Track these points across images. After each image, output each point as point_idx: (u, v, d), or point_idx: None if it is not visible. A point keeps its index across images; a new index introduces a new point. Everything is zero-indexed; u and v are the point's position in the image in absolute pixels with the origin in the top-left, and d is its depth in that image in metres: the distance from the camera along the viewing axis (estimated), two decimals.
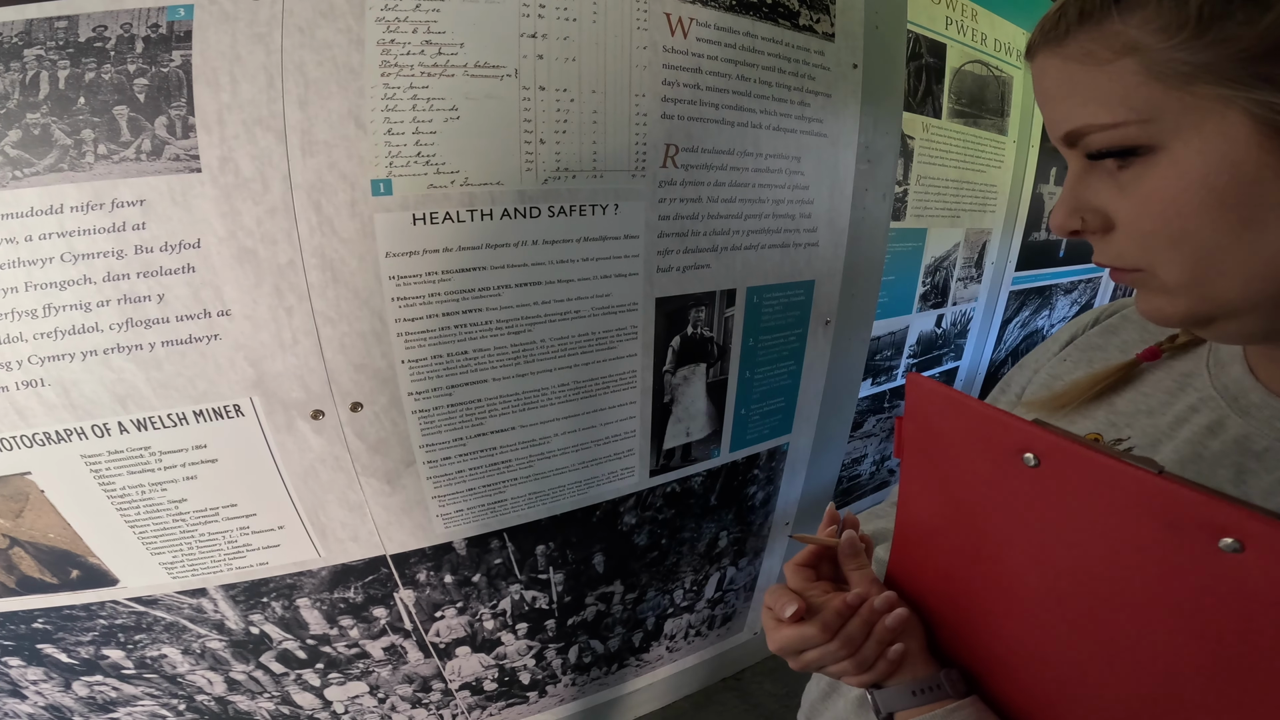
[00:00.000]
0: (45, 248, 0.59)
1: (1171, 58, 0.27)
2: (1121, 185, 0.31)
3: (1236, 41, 0.26)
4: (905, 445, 0.42)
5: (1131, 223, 0.31)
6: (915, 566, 0.45)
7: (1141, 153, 0.29)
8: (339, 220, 0.68)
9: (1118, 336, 0.46)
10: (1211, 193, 0.28)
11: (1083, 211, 0.33)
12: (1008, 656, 0.39)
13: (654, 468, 1.04)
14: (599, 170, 0.80)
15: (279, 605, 0.84)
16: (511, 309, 0.81)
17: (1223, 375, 0.38)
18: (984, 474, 0.36)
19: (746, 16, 0.85)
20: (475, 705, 1.11)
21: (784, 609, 0.43)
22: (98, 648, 0.78)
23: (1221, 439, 0.35)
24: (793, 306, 1.07)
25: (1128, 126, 0.29)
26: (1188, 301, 0.31)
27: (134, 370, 0.65)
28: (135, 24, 0.58)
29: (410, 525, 0.86)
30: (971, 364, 1.83)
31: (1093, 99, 0.30)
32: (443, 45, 0.68)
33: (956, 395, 0.37)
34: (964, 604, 0.41)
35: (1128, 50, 0.28)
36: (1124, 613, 0.30)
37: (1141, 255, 0.32)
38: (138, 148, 0.60)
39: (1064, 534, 0.32)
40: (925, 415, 0.39)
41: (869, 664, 0.42)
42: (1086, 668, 0.33)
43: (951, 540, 0.41)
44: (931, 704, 0.40)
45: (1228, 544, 0.25)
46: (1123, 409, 0.41)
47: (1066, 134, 0.32)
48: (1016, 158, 1.63)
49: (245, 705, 0.90)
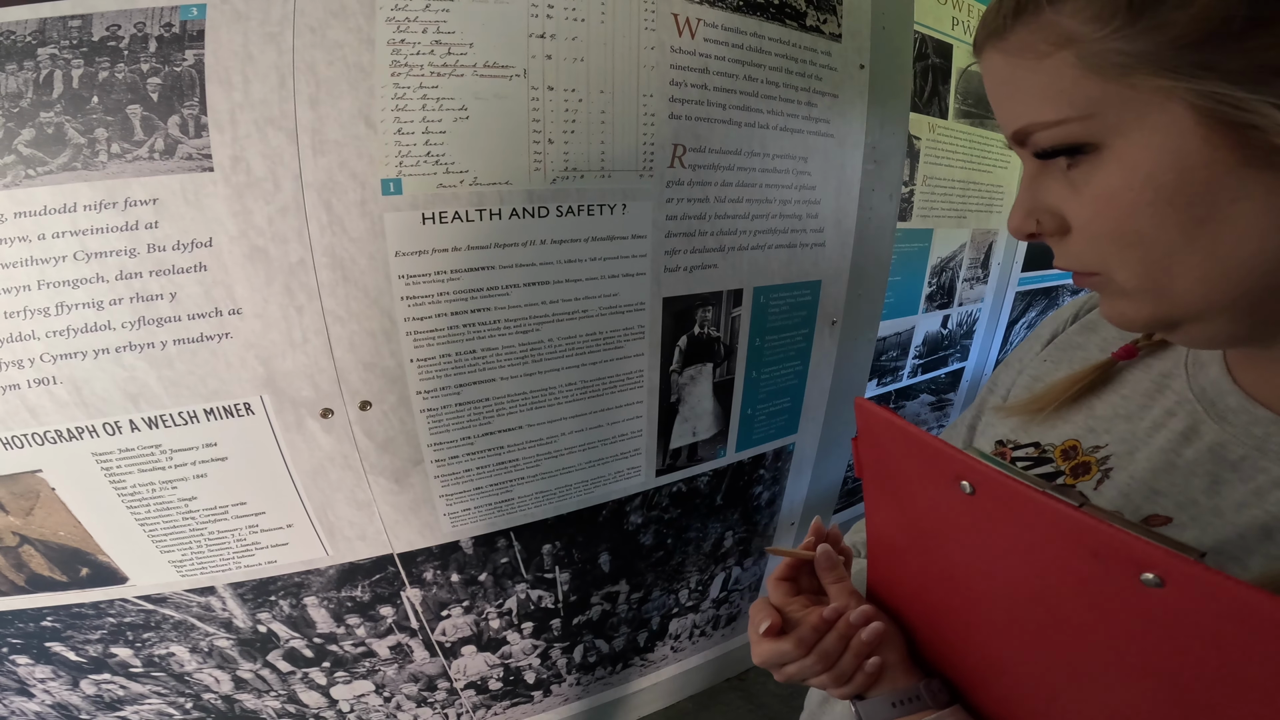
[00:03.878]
0: (58, 246, 0.59)
1: (1106, 48, 0.26)
2: (1073, 184, 0.29)
3: (1171, 27, 0.24)
4: (863, 466, 0.42)
5: (1084, 224, 0.30)
6: (890, 580, 0.45)
7: (1088, 150, 0.28)
8: (349, 219, 0.68)
9: (1097, 334, 0.45)
10: (1159, 191, 0.26)
11: (1038, 213, 0.32)
12: (983, 669, 0.39)
13: (660, 467, 1.04)
14: (607, 170, 0.80)
15: (287, 604, 0.84)
16: (520, 308, 0.81)
17: (1201, 377, 0.36)
18: (931, 497, 0.36)
19: (754, 17, 0.85)
20: (480, 704, 1.11)
21: (759, 624, 0.44)
22: (106, 646, 0.78)
23: (1196, 446, 0.34)
24: (799, 307, 1.07)
25: (1070, 123, 0.28)
26: (1149, 305, 0.30)
27: (146, 368, 0.65)
28: (148, 23, 0.59)
29: (418, 524, 0.87)
30: (977, 365, 1.83)
31: (1034, 95, 0.29)
32: (452, 45, 0.68)
33: (897, 421, 0.36)
34: (936, 618, 0.41)
35: (1063, 42, 0.27)
36: (1067, 637, 0.30)
37: (1097, 258, 0.30)
38: (151, 146, 0.60)
39: (1004, 558, 0.32)
40: (875, 439, 0.39)
41: (847, 677, 0.42)
42: (1048, 686, 0.33)
43: (915, 558, 0.41)
44: (912, 715, 0.39)
45: (1149, 579, 0.24)
46: (1101, 413, 0.40)
47: (1014, 133, 0.31)
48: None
49: (252, 703, 0.91)
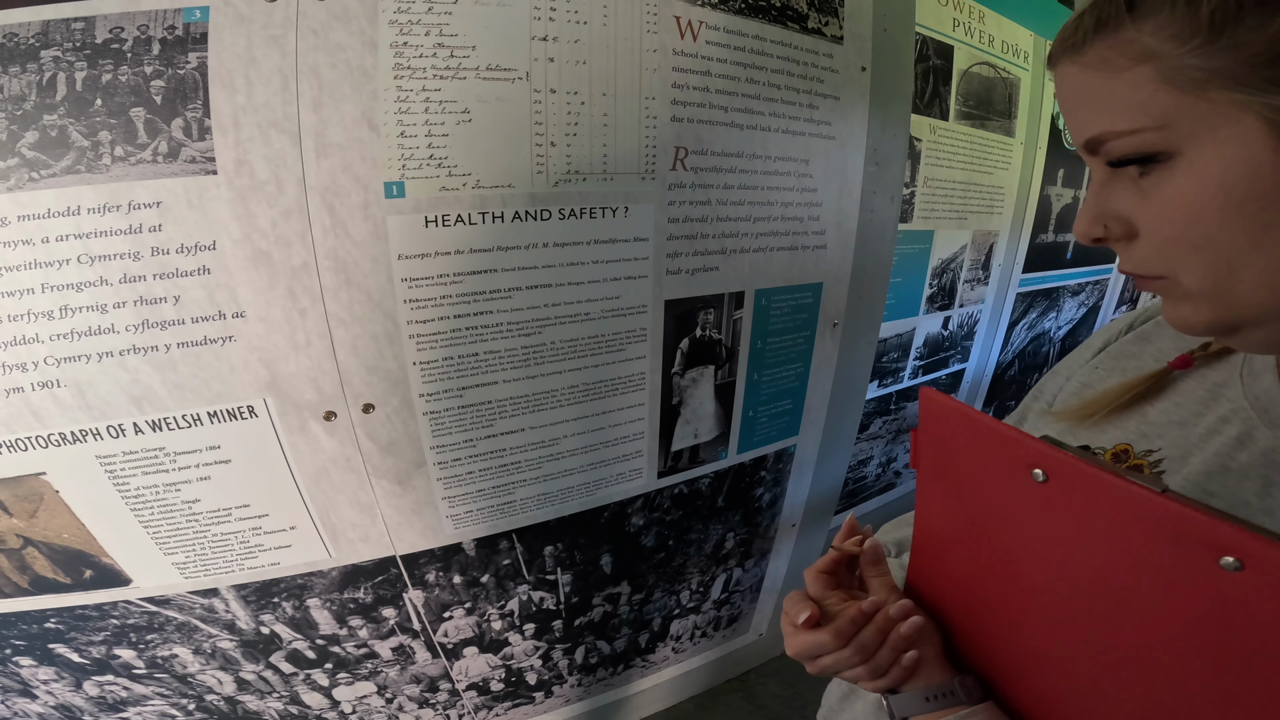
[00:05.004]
0: (62, 249, 0.59)
1: (1185, 64, 0.27)
2: (1143, 192, 0.31)
3: (1248, 46, 0.26)
4: (920, 457, 0.42)
5: (1153, 229, 0.31)
6: (932, 574, 0.45)
7: (1160, 159, 0.29)
8: (352, 223, 0.69)
9: (1151, 344, 0.45)
10: (1229, 197, 0.28)
11: (1105, 219, 0.33)
12: (1021, 664, 0.39)
13: (662, 469, 1.04)
14: (609, 173, 0.80)
15: (289, 605, 0.84)
16: (522, 311, 0.81)
17: (1255, 386, 0.37)
18: (995, 487, 0.36)
19: (755, 19, 0.85)
20: (482, 705, 1.11)
21: (798, 615, 0.45)
22: (109, 647, 0.78)
23: (1250, 451, 0.35)
24: (801, 309, 1.07)
25: (1145, 133, 0.29)
26: (1211, 309, 0.31)
27: (149, 371, 0.65)
28: (152, 25, 0.59)
29: (420, 526, 0.87)
30: (978, 366, 1.83)
31: (1110, 106, 0.30)
32: (455, 48, 0.68)
33: (968, 411, 0.37)
34: (979, 612, 0.42)
35: (1143, 57, 0.29)
36: (1131, 626, 0.31)
37: (1163, 262, 0.32)
38: (154, 149, 0.60)
39: (1072, 547, 0.32)
40: (938, 429, 0.40)
41: (883, 670, 0.43)
42: (1096, 678, 0.33)
43: (966, 549, 0.41)
44: (945, 710, 0.40)
45: (1228, 563, 0.25)
46: (1154, 419, 0.41)
47: (1087, 141, 0.32)
48: (1024, 159, 1.62)
49: (254, 705, 0.91)
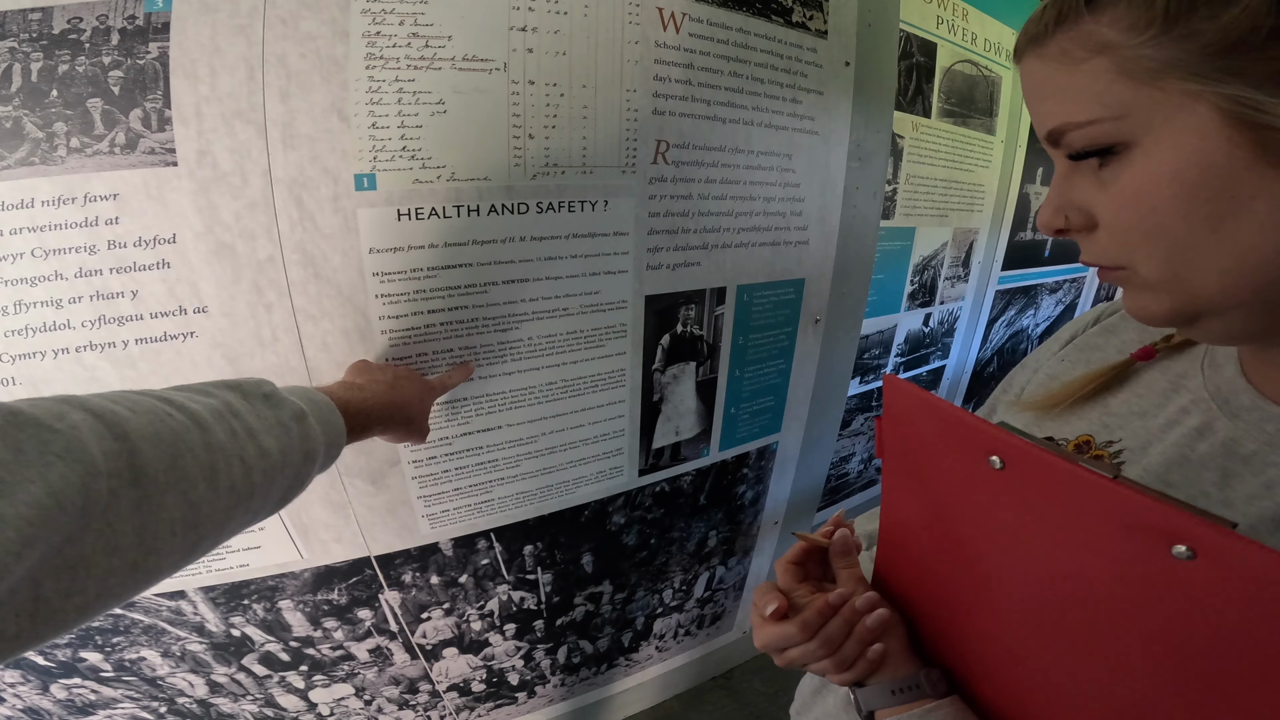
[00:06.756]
0: (15, 243, 0.57)
1: (1140, 55, 0.28)
2: (1102, 183, 0.31)
3: (1201, 36, 0.26)
4: (885, 445, 0.42)
5: (1111, 220, 0.32)
6: (899, 565, 0.45)
7: (1118, 150, 0.30)
8: (321, 215, 0.67)
9: (1117, 336, 0.46)
10: (1184, 187, 0.28)
11: (1066, 210, 0.34)
12: (986, 656, 0.39)
13: (643, 467, 1.04)
14: (589, 166, 0.79)
15: (261, 608, 0.82)
16: (498, 306, 0.80)
17: (1216, 377, 0.38)
18: (957, 474, 0.36)
19: (739, 12, 0.85)
20: (463, 706, 1.10)
21: (766, 606, 0.45)
22: (75, 650, 0.76)
23: (1209, 441, 0.36)
24: (783, 305, 1.07)
25: (1102, 124, 0.30)
26: (1170, 299, 0.32)
27: (107, 368, 0.63)
28: (111, 15, 0.57)
29: (395, 526, 0.85)
30: (958, 363, 1.84)
31: (1070, 98, 0.31)
32: (430, 38, 0.66)
33: (928, 397, 0.37)
34: (944, 602, 0.42)
35: (1100, 49, 0.29)
36: (1087, 616, 0.31)
37: (1122, 252, 0.32)
38: (111, 140, 0.58)
39: (1031, 534, 0.32)
40: (902, 416, 0.40)
41: (849, 663, 0.43)
42: (1060, 668, 0.33)
43: (932, 538, 0.41)
44: (910, 703, 0.40)
45: (1180, 551, 0.25)
46: (1116, 410, 0.42)
47: (1048, 133, 0.33)
48: (1004, 158, 1.64)
49: (228, 708, 0.89)
